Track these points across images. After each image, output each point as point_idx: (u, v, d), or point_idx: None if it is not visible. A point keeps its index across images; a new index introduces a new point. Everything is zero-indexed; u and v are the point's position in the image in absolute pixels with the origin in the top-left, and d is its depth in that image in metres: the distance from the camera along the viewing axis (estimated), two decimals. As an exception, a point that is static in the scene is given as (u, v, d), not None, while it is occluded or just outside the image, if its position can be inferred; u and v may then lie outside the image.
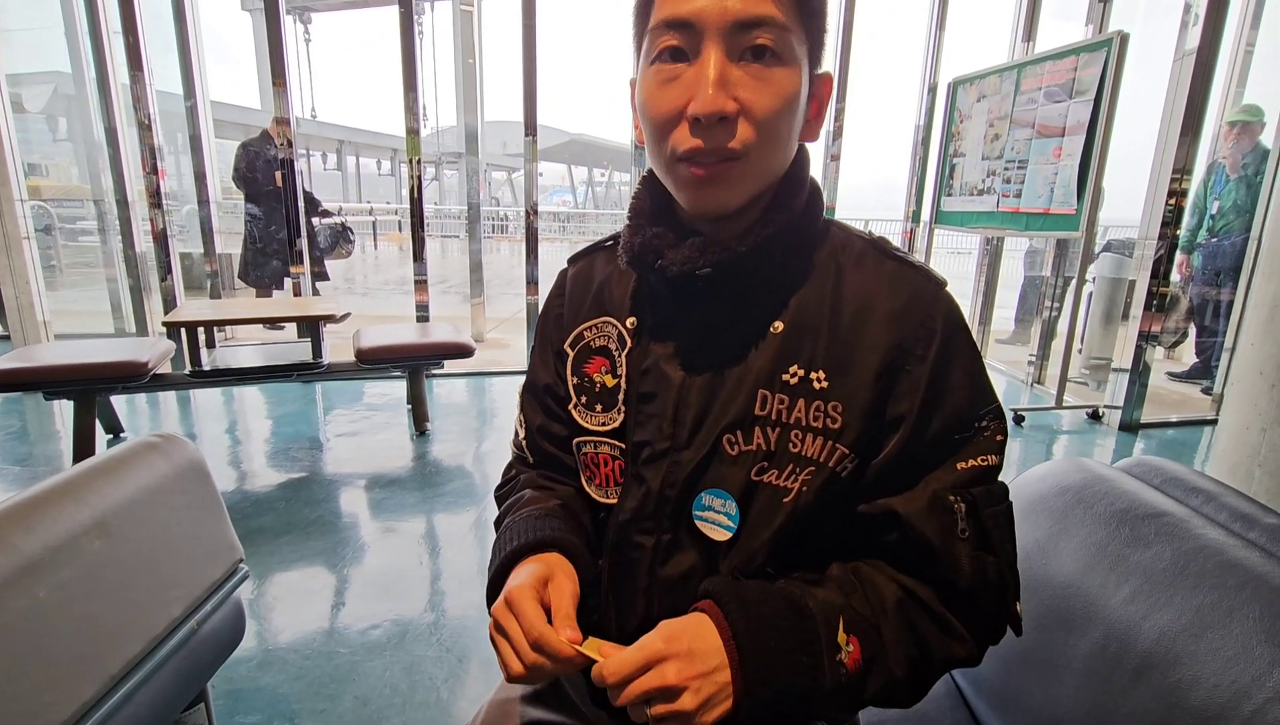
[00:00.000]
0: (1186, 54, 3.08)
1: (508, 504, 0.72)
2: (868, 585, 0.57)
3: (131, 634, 0.81)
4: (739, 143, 0.54)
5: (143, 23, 3.58)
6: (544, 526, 0.64)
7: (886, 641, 0.55)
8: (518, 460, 0.77)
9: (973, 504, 0.57)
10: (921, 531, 0.56)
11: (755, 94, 0.53)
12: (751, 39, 0.53)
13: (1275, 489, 1.65)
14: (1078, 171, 2.96)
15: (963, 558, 0.56)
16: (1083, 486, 0.82)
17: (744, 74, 0.53)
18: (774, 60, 0.53)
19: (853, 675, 0.53)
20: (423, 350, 2.99)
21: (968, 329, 0.60)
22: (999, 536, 0.57)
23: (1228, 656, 0.57)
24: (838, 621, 0.54)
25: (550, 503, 0.68)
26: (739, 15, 0.52)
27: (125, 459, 0.91)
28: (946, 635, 0.56)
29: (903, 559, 0.58)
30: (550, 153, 25.53)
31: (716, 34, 0.52)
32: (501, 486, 0.77)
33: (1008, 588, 0.57)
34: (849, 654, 0.53)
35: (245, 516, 2.25)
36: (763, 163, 0.56)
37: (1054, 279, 4.14)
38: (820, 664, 0.52)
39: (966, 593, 0.56)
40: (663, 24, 0.54)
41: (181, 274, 4.07)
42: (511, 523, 0.66)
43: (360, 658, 1.57)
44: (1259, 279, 1.76)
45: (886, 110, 10.80)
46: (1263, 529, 0.70)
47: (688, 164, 0.55)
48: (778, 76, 0.54)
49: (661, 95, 0.55)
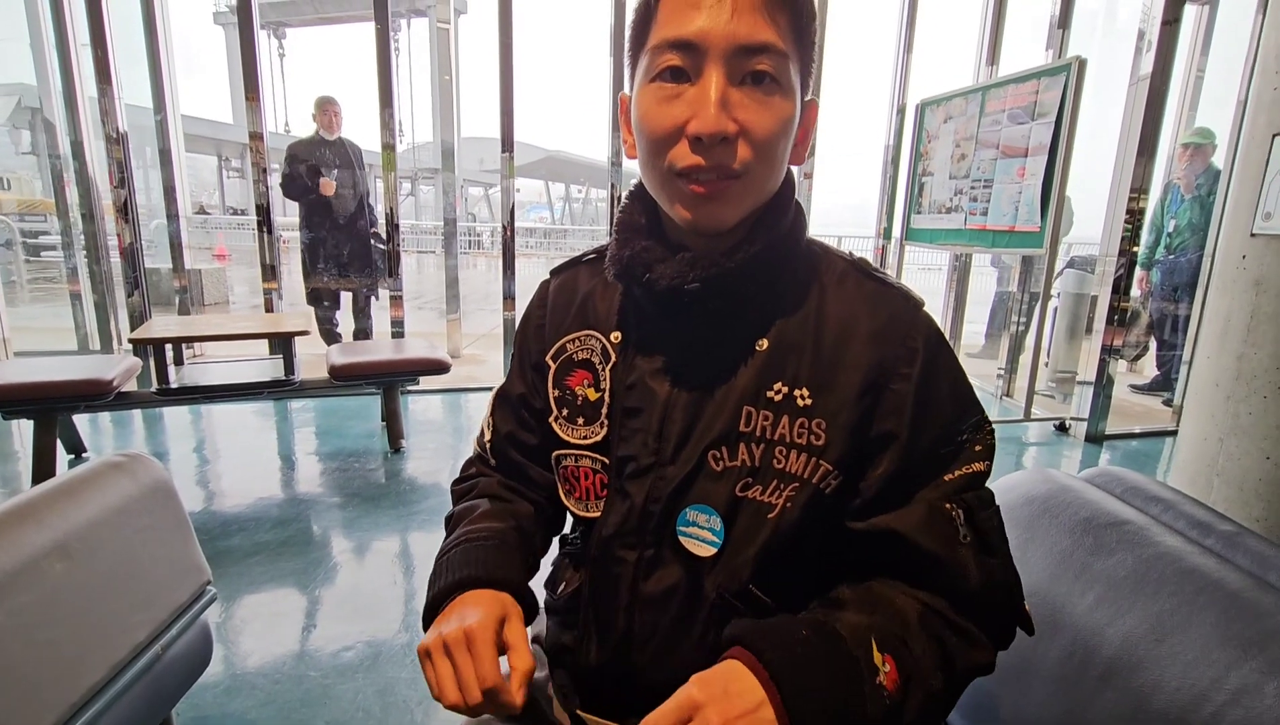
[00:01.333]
0: (1141, 79, 3.21)
1: (463, 507, 0.71)
2: (885, 602, 0.57)
3: (93, 660, 0.78)
4: (739, 162, 0.55)
5: (112, 35, 3.53)
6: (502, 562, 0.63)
7: (918, 657, 0.54)
8: (478, 459, 0.77)
9: (968, 510, 0.58)
10: (924, 545, 0.56)
11: (755, 116, 0.54)
12: (753, 64, 0.54)
13: (1234, 497, 1.70)
14: (1041, 190, 3.05)
15: (969, 563, 0.56)
16: (1048, 496, 0.84)
17: (744, 96, 0.54)
18: (773, 86, 0.55)
19: (894, 696, 0.51)
20: (397, 366, 2.96)
21: (948, 345, 0.62)
22: (996, 539, 0.59)
23: (1187, 660, 0.59)
24: (870, 642, 0.52)
25: (506, 524, 0.67)
26: (743, 40, 0.53)
27: (88, 479, 0.88)
28: (967, 644, 0.56)
29: (908, 574, 0.58)
30: (527, 169, 25.57)
31: (719, 56, 0.53)
32: (459, 481, 0.77)
33: (1014, 587, 0.58)
34: (887, 674, 0.51)
35: (213, 537, 2.19)
36: (760, 182, 0.57)
37: (1020, 294, 4.25)
38: (862, 689, 0.50)
39: (977, 598, 0.56)
40: (665, 44, 0.54)
41: (149, 290, 3.98)
42: (464, 541, 0.65)
43: (332, 681, 1.54)
44: (1213, 294, 1.83)
45: (859, 131, 11.03)
46: (1219, 536, 0.72)
47: (686, 180, 0.56)
48: (776, 101, 0.55)
49: (661, 112, 0.56)
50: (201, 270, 6.95)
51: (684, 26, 0.53)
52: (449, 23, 5.30)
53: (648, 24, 0.57)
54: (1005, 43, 4.20)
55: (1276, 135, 1.60)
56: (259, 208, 3.80)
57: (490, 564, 0.62)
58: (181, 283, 4.43)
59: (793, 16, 0.55)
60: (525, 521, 0.70)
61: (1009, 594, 0.58)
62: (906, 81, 4.46)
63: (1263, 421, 1.61)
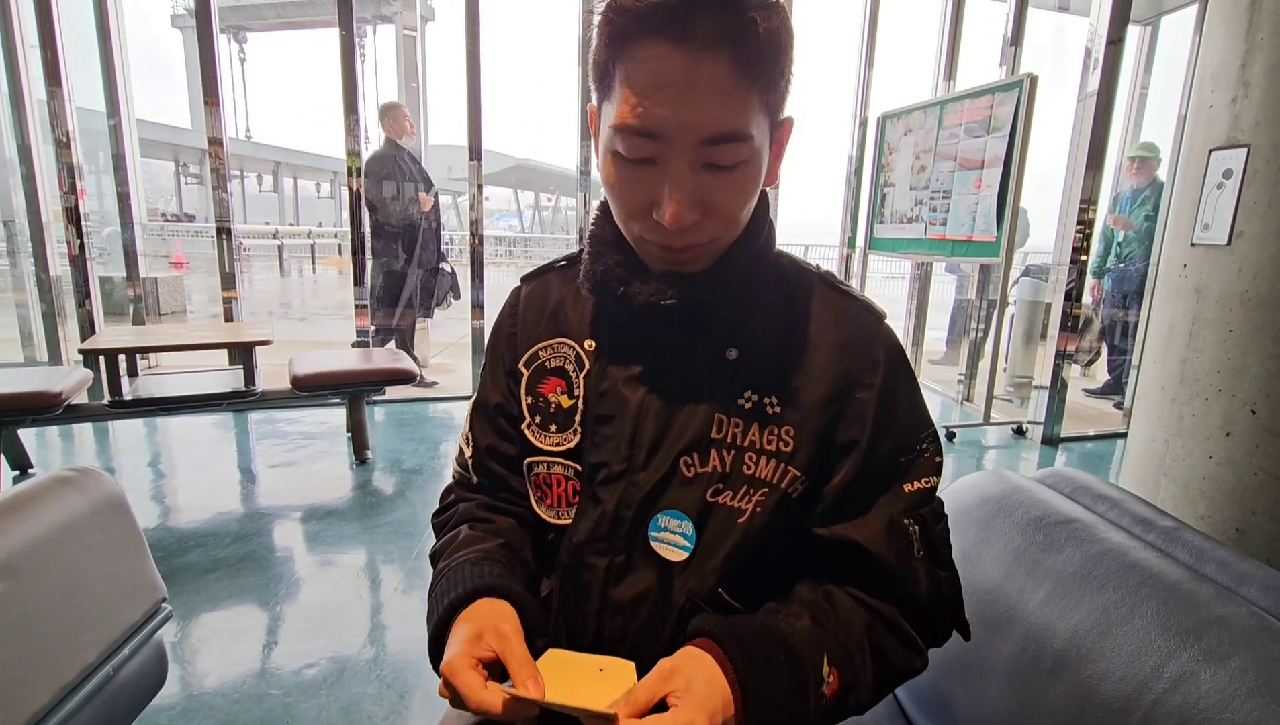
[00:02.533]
0: (1088, 95, 3.35)
1: (443, 542, 0.69)
2: (839, 611, 0.60)
3: (40, 682, 0.75)
4: (706, 238, 0.57)
5: (62, 36, 3.42)
6: (481, 573, 0.61)
7: (858, 668, 0.58)
8: (459, 483, 0.76)
9: (923, 524, 0.61)
10: (881, 557, 0.60)
11: (721, 196, 0.55)
12: (718, 155, 0.52)
13: (1179, 496, 1.77)
14: (996, 201, 3.15)
15: (921, 576, 0.60)
16: (1002, 496, 0.87)
17: (711, 180, 0.53)
18: (738, 166, 0.54)
19: (830, 702, 0.55)
20: (363, 376, 2.91)
21: (906, 358, 0.65)
22: (946, 552, 0.63)
23: (1131, 651, 0.62)
24: (821, 658, 0.56)
25: (489, 544, 0.66)
26: (710, 132, 0.51)
27: (35, 495, 0.85)
28: (907, 648, 0.61)
29: (865, 580, 0.61)
30: (496, 177, 25.44)
31: (684, 148, 0.52)
32: (439, 513, 0.76)
33: (959, 598, 0.63)
34: (829, 685, 0.55)
35: (169, 554, 2.12)
36: (728, 237, 0.59)
37: (979, 302, 4.37)
38: (808, 696, 0.54)
39: (925, 608, 0.61)
40: (628, 130, 0.52)
41: (101, 299, 3.85)
42: (447, 569, 0.63)
43: (294, 699, 1.50)
44: (1157, 301, 1.91)
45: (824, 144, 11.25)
46: (1160, 531, 0.76)
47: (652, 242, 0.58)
48: (741, 177, 0.54)
49: (627, 190, 0.56)
50: (158, 278, 6.75)
51: (644, 114, 0.51)
52: (415, 30, 5.27)
53: (609, 78, 0.54)
54: (961, 59, 4.34)
55: (1213, 150, 1.69)
56: (218, 215, 3.71)
57: (465, 580, 0.60)
58: (136, 291, 4.30)
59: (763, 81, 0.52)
60: (511, 536, 0.69)
61: (953, 605, 0.63)
62: (868, 95, 4.57)
63: (1205, 423, 1.68)
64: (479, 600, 0.59)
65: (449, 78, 4.26)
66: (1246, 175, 1.59)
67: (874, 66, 4.56)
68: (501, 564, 0.63)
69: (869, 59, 4.53)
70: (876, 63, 4.55)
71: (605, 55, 0.53)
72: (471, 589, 0.59)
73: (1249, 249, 1.58)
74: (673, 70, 0.49)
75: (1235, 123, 1.63)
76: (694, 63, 0.49)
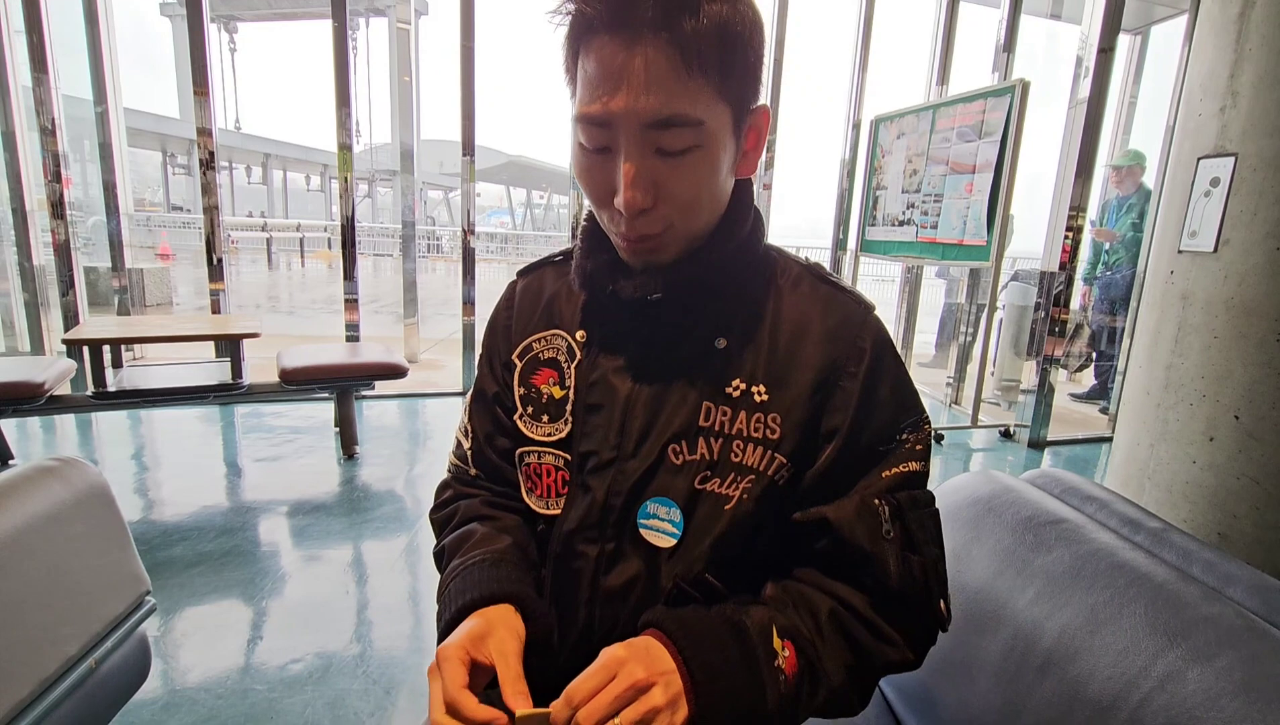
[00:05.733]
0: (1078, 102, 3.38)
1: (454, 538, 0.69)
2: (799, 599, 0.60)
3: (20, 674, 0.74)
4: (660, 224, 0.58)
5: (49, 21, 3.37)
6: (496, 577, 0.61)
7: (821, 651, 0.57)
8: (455, 478, 0.76)
9: (897, 507, 0.60)
10: (851, 536, 0.59)
11: (673, 181, 0.56)
12: (662, 139, 0.54)
13: (1163, 500, 1.79)
14: (987, 206, 3.18)
15: (889, 558, 0.59)
16: (992, 496, 0.88)
17: (660, 164, 0.55)
18: (689, 151, 0.55)
19: (792, 684, 0.55)
20: (352, 371, 2.89)
21: (894, 347, 0.65)
22: (923, 538, 0.61)
23: (1118, 650, 0.62)
24: (770, 630, 0.56)
25: (500, 544, 0.66)
26: (652, 116, 0.53)
27: (16, 485, 0.84)
28: (879, 640, 0.59)
29: (836, 565, 0.61)
30: (488, 173, 25.36)
31: (631, 133, 0.54)
32: (437, 509, 0.75)
33: (932, 586, 0.60)
34: (785, 659, 0.55)
35: (154, 547, 2.09)
36: (687, 229, 0.60)
37: (968, 306, 4.40)
38: (759, 671, 0.54)
39: (897, 595, 0.59)
40: (584, 118, 0.55)
41: (86, 290, 3.80)
42: (460, 568, 0.63)
43: (279, 694, 1.48)
44: (1144, 307, 1.93)
45: (815, 148, 11.29)
46: (1147, 532, 0.77)
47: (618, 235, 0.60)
48: (692, 161, 0.55)
49: (589, 177, 0.58)
50: (144, 269, 6.66)
51: (596, 100, 0.53)
52: (409, 23, 5.24)
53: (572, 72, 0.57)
54: (954, 64, 4.37)
55: (1200, 158, 1.71)
56: (208, 206, 3.66)
57: (482, 583, 0.61)
58: (121, 282, 4.24)
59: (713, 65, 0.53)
60: (518, 534, 0.69)
61: (925, 592, 0.60)
62: (861, 98, 4.59)
63: (1189, 427, 1.70)
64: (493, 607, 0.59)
65: (442, 72, 4.22)
66: (1234, 183, 1.61)
67: (868, 70, 4.58)
68: (515, 567, 0.64)
69: (863, 62, 4.55)
70: (870, 66, 4.57)
71: (566, 51, 0.56)
72: (487, 594, 0.60)
73: (1235, 256, 1.60)
74: (615, 58, 0.52)
75: (1223, 131, 1.65)
76: (633, 50, 0.51)
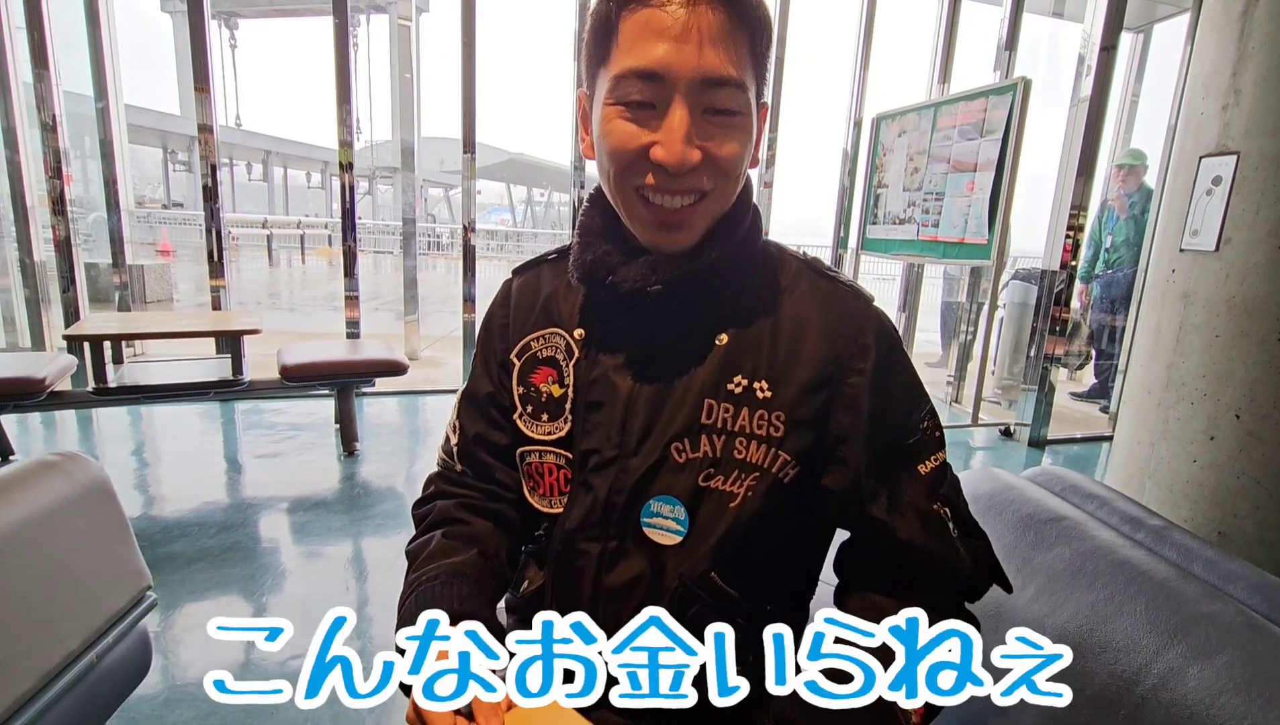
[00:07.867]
0: (1080, 101, 3.37)
1: (416, 546, 0.69)
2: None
3: (22, 668, 0.74)
4: (703, 187, 0.58)
5: (50, 17, 3.36)
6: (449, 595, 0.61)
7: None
8: (439, 476, 0.75)
9: (950, 504, 0.63)
10: (927, 548, 0.61)
11: (719, 143, 0.57)
12: (715, 98, 0.55)
13: (1164, 498, 1.79)
14: (988, 204, 3.17)
15: (962, 553, 0.62)
16: (993, 494, 0.88)
17: (708, 125, 0.56)
18: (735, 115, 0.57)
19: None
20: (352, 367, 2.89)
21: (898, 337, 0.65)
22: (972, 520, 0.65)
23: (1119, 648, 0.62)
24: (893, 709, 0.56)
25: (461, 557, 0.65)
26: (708, 73, 0.54)
27: (18, 479, 0.84)
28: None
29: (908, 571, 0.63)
30: (489, 171, 25.33)
31: (685, 89, 0.55)
32: (420, 503, 0.75)
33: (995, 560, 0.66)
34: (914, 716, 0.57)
35: (155, 543, 2.09)
36: (720, 202, 0.60)
37: (969, 305, 4.40)
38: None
39: (970, 581, 0.64)
40: (630, 73, 0.55)
41: (86, 286, 3.80)
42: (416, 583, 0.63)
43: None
44: (1145, 306, 1.93)
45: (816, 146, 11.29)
46: (1148, 530, 0.77)
47: (648, 205, 0.59)
48: (737, 127, 0.57)
49: (625, 133, 0.57)
50: (144, 266, 6.66)
51: (647, 55, 0.54)
52: (410, 20, 5.23)
53: (608, 39, 0.57)
54: (956, 62, 4.37)
55: (1203, 157, 1.70)
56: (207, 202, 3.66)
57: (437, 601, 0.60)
58: (122, 279, 4.24)
59: (752, 39, 0.56)
60: (487, 543, 0.68)
61: (994, 568, 0.66)
62: (863, 96, 4.58)
63: (1190, 427, 1.70)
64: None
65: (443, 69, 4.22)
66: (1235, 182, 1.60)
67: (869, 68, 4.57)
68: (471, 583, 0.63)
69: (864, 60, 4.54)
70: (872, 64, 4.57)
71: (607, 9, 0.56)
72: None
73: (1236, 255, 1.60)
74: (674, 16, 0.53)
75: (1225, 130, 1.65)
76: (694, 10, 0.53)
